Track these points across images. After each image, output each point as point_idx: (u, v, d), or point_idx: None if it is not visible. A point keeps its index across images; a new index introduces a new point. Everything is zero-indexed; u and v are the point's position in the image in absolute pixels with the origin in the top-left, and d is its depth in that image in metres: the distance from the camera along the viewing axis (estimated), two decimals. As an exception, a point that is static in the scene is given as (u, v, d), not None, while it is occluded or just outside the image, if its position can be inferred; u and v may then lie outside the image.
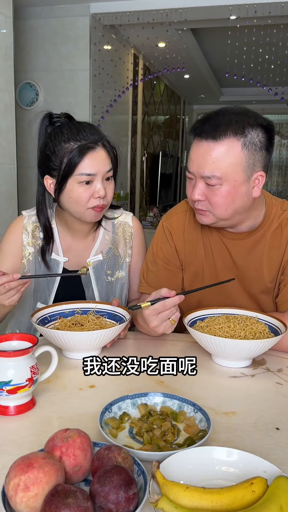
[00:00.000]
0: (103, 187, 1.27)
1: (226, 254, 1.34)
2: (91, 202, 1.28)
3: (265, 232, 1.31)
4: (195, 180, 1.20)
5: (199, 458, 0.70)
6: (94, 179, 1.26)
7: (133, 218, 1.51)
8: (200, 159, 1.16)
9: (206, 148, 1.15)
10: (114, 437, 0.79)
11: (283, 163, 9.91)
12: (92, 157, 1.25)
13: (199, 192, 1.19)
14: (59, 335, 1.08)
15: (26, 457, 0.62)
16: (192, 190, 1.21)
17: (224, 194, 1.16)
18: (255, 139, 1.15)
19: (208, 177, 1.15)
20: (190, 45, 5.15)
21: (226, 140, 1.13)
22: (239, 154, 1.14)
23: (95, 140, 1.26)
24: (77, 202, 1.28)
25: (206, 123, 1.16)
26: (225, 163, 1.14)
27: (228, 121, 1.14)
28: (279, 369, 1.12)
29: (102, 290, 1.43)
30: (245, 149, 1.14)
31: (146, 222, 5.83)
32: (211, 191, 1.18)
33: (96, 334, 1.09)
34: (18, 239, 1.41)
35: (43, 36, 4.12)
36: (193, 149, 1.19)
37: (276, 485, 0.62)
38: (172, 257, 1.39)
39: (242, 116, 1.16)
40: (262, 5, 3.71)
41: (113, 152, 1.32)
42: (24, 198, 3.35)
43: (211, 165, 1.14)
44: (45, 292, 1.40)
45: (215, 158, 1.14)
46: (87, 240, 1.45)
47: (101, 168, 1.26)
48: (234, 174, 1.15)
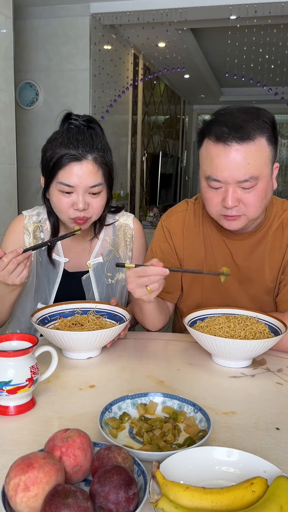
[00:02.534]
0: (83, 201, 1.23)
1: (227, 255, 1.33)
2: (71, 213, 1.25)
3: (266, 232, 1.31)
4: (226, 187, 1.14)
5: (199, 458, 0.70)
6: (74, 191, 1.23)
7: (134, 220, 1.50)
8: (232, 165, 1.10)
9: (236, 152, 1.09)
10: (114, 437, 0.79)
11: (283, 163, 9.91)
12: (73, 169, 1.21)
13: (235, 198, 1.13)
14: (59, 335, 1.08)
15: (26, 457, 0.62)
16: (225, 197, 1.14)
17: (259, 192, 1.14)
18: (271, 132, 1.14)
19: (245, 180, 1.12)
20: (190, 45, 5.15)
21: (256, 139, 1.10)
22: (266, 149, 1.13)
23: (84, 152, 1.22)
24: (58, 208, 1.28)
25: (225, 125, 1.10)
26: (259, 162, 1.11)
27: (250, 120, 1.11)
28: (279, 369, 1.12)
29: (102, 292, 1.43)
30: (269, 143, 1.13)
31: (146, 222, 5.83)
32: (246, 193, 1.14)
33: (96, 334, 1.09)
34: (20, 239, 1.41)
35: (43, 36, 4.12)
36: (220, 156, 1.11)
37: (276, 485, 0.62)
38: (171, 256, 1.38)
39: (257, 111, 1.15)
40: (262, 5, 3.71)
41: (106, 166, 1.27)
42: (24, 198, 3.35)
43: (247, 168, 1.10)
44: (45, 293, 1.40)
45: (250, 159, 1.10)
46: (87, 242, 1.45)
47: (82, 182, 1.22)
48: (266, 170, 1.14)
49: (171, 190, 7.58)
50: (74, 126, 1.31)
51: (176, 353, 1.23)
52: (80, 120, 1.32)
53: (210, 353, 1.15)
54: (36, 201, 1.51)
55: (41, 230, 1.42)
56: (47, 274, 1.40)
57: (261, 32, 4.48)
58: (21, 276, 1.17)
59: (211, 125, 1.14)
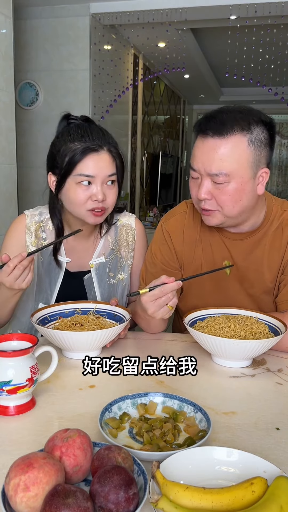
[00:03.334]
0: (101, 191, 1.25)
1: (226, 255, 1.33)
2: (89, 204, 1.26)
3: (266, 232, 1.31)
4: (201, 178, 1.18)
5: (199, 458, 0.70)
6: (93, 182, 1.25)
7: (136, 221, 1.50)
8: (206, 157, 1.14)
9: (212, 145, 1.13)
10: (114, 437, 0.79)
11: (283, 163, 9.92)
12: (93, 159, 1.24)
13: (205, 191, 1.16)
14: (59, 335, 1.08)
15: (26, 457, 0.62)
16: (199, 189, 1.18)
17: (231, 191, 1.15)
18: (260, 135, 1.14)
19: (215, 174, 1.13)
20: (190, 45, 5.15)
21: (233, 136, 1.12)
22: (245, 150, 1.13)
23: (100, 143, 1.25)
24: (75, 202, 1.27)
25: (211, 120, 1.14)
26: (232, 159, 1.12)
27: (233, 118, 1.13)
28: (279, 369, 1.12)
29: (104, 292, 1.43)
30: (251, 145, 1.13)
31: (146, 222, 5.84)
32: (218, 189, 1.16)
33: (96, 334, 1.09)
34: (21, 239, 1.40)
35: (43, 36, 4.12)
36: (198, 147, 1.16)
37: (276, 485, 0.62)
38: (170, 259, 1.38)
39: (247, 112, 1.15)
40: (262, 5, 3.71)
41: (119, 159, 1.30)
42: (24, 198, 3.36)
43: (218, 162, 1.12)
44: (47, 293, 1.40)
45: (222, 155, 1.12)
46: (89, 242, 1.45)
47: (101, 171, 1.25)
48: (241, 170, 1.14)
49: (171, 190, 7.58)
50: (75, 124, 1.32)
51: (176, 353, 1.23)
52: (79, 119, 1.34)
53: (210, 353, 1.15)
54: (36, 201, 1.50)
55: (43, 230, 1.41)
56: (48, 274, 1.40)
57: (261, 32, 4.47)
58: (27, 280, 1.17)
59: (202, 119, 1.18)
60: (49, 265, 1.40)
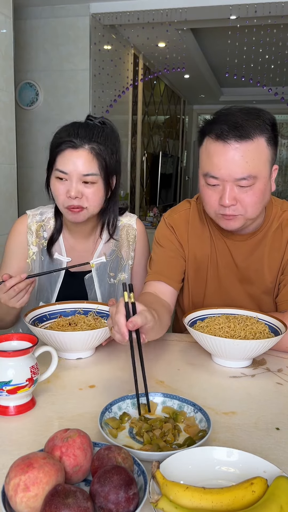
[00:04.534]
0: (75, 188, 1.24)
1: (228, 255, 1.34)
2: (65, 201, 1.27)
3: (266, 233, 1.31)
4: (223, 185, 1.14)
5: (199, 458, 0.70)
6: (68, 178, 1.25)
7: (137, 221, 1.50)
8: (230, 163, 1.11)
9: (235, 150, 1.10)
10: (114, 437, 0.79)
11: (283, 163, 9.91)
12: (69, 154, 1.24)
13: (231, 197, 1.14)
14: (50, 334, 1.08)
15: (26, 457, 0.62)
16: (222, 196, 1.15)
17: (257, 192, 1.14)
18: (272, 133, 1.15)
19: (243, 178, 1.12)
20: (190, 45, 5.15)
21: (255, 138, 1.11)
22: (265, 150, 1.13)
23: (81, 141, 1.23)
24: (55, 196, 1.30)
25: (225, 124, 1.11)
26: (257, 161, 1.11)
27: (250, 120, 1.12)
28: (279, 369, 1.12)
29: (104, 291, 1.43)
30: (269, 144, 1.14)
31: (146, 222, 5.83)
32: (243, 192, 1.14)
33: (86, 335, 1.09)
34: (23, 239, 1.41)
35: (43, 36, 4.11)
36: (219, 153, 1.12)
37: (276, 485, 0.62)
38: (175, 243, 1.37)
39: (257, 112, 1.15)
40: (262, 5, 3.71)
41: (105, 158, 1.27)
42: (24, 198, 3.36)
43: (245, 166, 1.10)
44: (47, 292, 1.40)
45: (248, 158, 1.10)
46: (90, 242, 1.45)
47: (76, 169, 1.24)
48: (264, 171, 1.14)
49: (171, 190, 7.58)
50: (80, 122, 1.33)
51: (176, 353, 1.23)
52: (96, 121, 1.33)
53: (210, 353, 1.15)
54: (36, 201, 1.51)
55: (44, 229, 1.43)
56: (49, 274, 1.40)
57: (261, 32, 4.47)
58: (21, 301, 1.17)
59: (211, 124, 1.15)
60: (50, 264, 1.41)
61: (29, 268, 1.41)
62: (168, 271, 1.35)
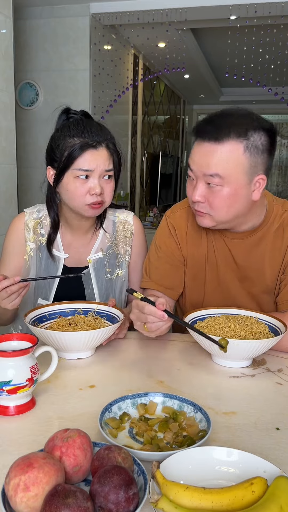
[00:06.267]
0: (99, 185, 1.27)
1: (227, 254, 1.34)
2: (87, 199, 1.28)
3: (266, 232, 1.31)
4: (196, 181, 1.19)
5: (199, 458, 0.70)
6: (91, 175, 1.27)
7: (134, 217, 1.52)
8: (203, 160, 1.15)
9: (208, 149, 1.14)
10: (114, 437, 0.79)
11: (283, 163, 9.90)
12: (91, 154, 1.26)
13: (199, 193, 1.18)
14: (50, 334, 1.09)
15: (26, 457, 0.62)
16: (193, 191, 1.20)
17: (225, 196, 1.15)
18: (258, 142, 1.14)
19: (210, 175, 1.14)
20: (190, 45, 5.15)
21: (229, 142, 1.12)
22: (241, 156, 1.13)
23: (99, 139, 1.27)
24: (73, 196, 1.29)
25: (209, 124, 1.15)
26: (228, 165, 1.13)
27: (230, 123, 1.13)
28: (279, 369, 1.12)
29: (102, 287, 1.44)
30: (248, 151, 1.13)
31: (146, 222, 5.83)
32: (212, 193, 1.16)
33: (86, 335, 1.09)
34: (21, 236, 1.43)
35: (43, 36, 4.11)
36: (195, 150, 1.18)
37: (276, 485, 0.62)
38: (175, 251, 1.39)
39: (245, 118, 1.15)
40: (262, 5, 3.71)
41: (117, 155, 1.33)
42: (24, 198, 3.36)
43: (215, 164, 1.13)
44: (45, 288, 1.42)
45: (218, 159, 1.13)
46: (87, 238, 1.46)
47: (99, 165, 1.27)
48: (236, 176, 1.14)
49: (171, 190, 7.58)
50: (75, 119, 1.35)
51: (176, 353, 1.23)
52: (79, 114, 1.37)
53: (210, 353, 1.15)
54: (36, 201, 1.52)
55: (42, 227, 1.44)
56: (47, 270, 1.42)
57: (261, 32, 4.47)
58: (13, 303, 1.17)
59: (200, 123, 1.20)
60: (48, 260, 1.42)
61: (26, 265, 1.43)
62: (168, 282, 1.36)
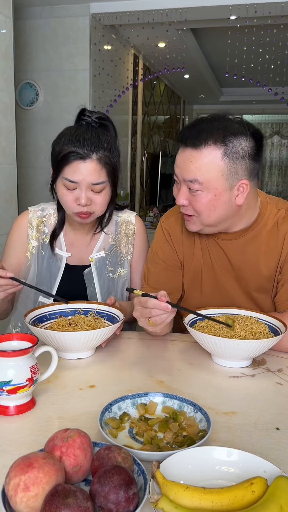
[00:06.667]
0: (85, 196, 1.26)
1: (222, 255, 1.34)
2: (74, 208, 1.29)
3: (259, 231, 1.31)
4: (180, 184, 1.22)
5: (199, 458, 0.70)
6: (77, 187, 1.27)
7: (136, 217, 1.53)
8: (183, 165, 1.17)
9: (188, 155, 1.16)
10: (114, 437, 0.79)
11: (283, 163, 9.90)
12: (78, 166, 1.25)
13: (183, 197, 1.21)
14: (50, 334, 1.08)
15: (26, 457, 0.62)
16: (178, 194, 1.22)
17: (205, 201, 1.18)
18: (237, 148, 1.14)
19: (190, 181, 1.17)
20: (190, 45, 5.15)
21: (206, 148, 1.14)
22: (219, 162, 1.14)
23: (90, 151, 1.25)
24: (62, 202, 1.31)
25: (190, 129, 1.17)
26: (206, 171, 1.14)
27: (209, 129, 1.14)
28: (279, 369, 1.12)
29: (103, 286, 1.44)
30: (226, 157, 1.14)
31: (146, 222, 5.82)
32: (193, 197, 1.19)
33: (86, 335, 1.09)
34: (24, 233, 1.44)
35: (43, 36, 4.11)
36: (178, 154, 1.20)
37: (276, 485, 0.62)
38: (171, 256, 1.40)
39: (226, 124, 1.16)
40: (262, 5, 3.71)
41: (111, 166, 1.29)
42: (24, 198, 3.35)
43: (193, 170, 1.15)
44: (47, 286, 1.42)
45: (196, 165, 1.15)
46: (90, 237, 1.47)
47: (84, 178, 1.25)
48: (215, 182, 1.15)
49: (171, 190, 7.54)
50: (85, 123, 1.33)
51: (176, 353, 1.23)
52: (93, 117, 1.34)
53: (210, 353, 1.15)
54: (35, 201, 1.52)
55: (45, 225, 1.45)
56: (49, 268, 1.43)
57: (261, 32, 4.47)
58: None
59: (183, 128, 1.23)
60: (50, 259, 1.43)
61: (27, 262, 1.44)
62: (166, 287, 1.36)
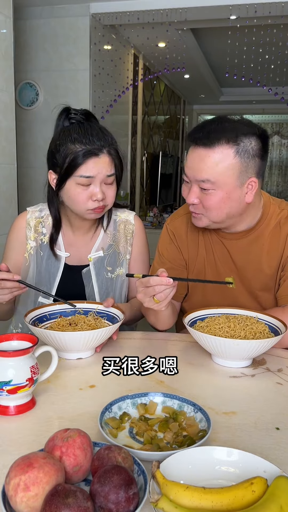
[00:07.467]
0: (101, 191, 1.28)
1: (225, 254, 1.36)
2: (89, 204, 1.29)
3: (263, 231, 1.33)
4: (191, 184, 1.23)
5: (199, 458, 0.70)
6: (93, 182, 1.27)
7: (135, 217, 1.53)
8: (195, 165, 1.20)
9: (200, 155, 1.18)
10: (114, 437, 0.79)
11: (283, 163, 9.90)
12: (93, 162, 1.26)
13: (193, 196, 1.23)
14: (50, 334, 1.09)
15: (26, 457, 0.62)
16: (188, 193, 1.25)
17: (217, 199, 1.20)
18: (248, 147, 1.18)
19: (202, 180, 1.19)
20: (190, 45, 5.15)
21: (219, 147, 1.16)
22: (231, 161, 1.17)
23: (101, 146, 1.27)
24: (75, 201, 1.30)
25: (201, 130, 1.19)
26: (218, 169, 1.17)
27: (221, 129, 1.18)
28: (279, 369, 1.12)
29: (102, 286, 1.45)
30: (238, 156, 1.17)
31: (146, 222, 5.83)
32: (205, 195, 1.21)
33: (86, 335, 1.09)
34: (22, 234, 1.44)
35: (43, 36, 4.11)
36: (189, 155, 1.23)
37: (276, 485, 0.62)
38: (177, 256, 1.42)
39: (236, 124, 1.20)
40: (262, 5, 3.70)
41: (118, 158, 1.33)
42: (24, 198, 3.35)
43: (205, 170, 1.18)
44: (46, 287, 1.42)
45: (209, 164, 1.17)
46: (88, 236, 1.47)
47: (100, 172, 1.27)
48: (227, 180, 1.18)
49: (171, 190, 7.58)
50: (77, 122, 1.33)
51: (176, 353, 1.23)
52: (79, 114, 1.35)
53: (210, 353, 1.15)
54: (35, 201, 1.52)
55: (43, 225, 1.45)
56: (48, 268, 1.43)
57: (261, 32, 4.47)
58: (1, 298, 1.17)
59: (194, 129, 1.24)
60: (49, 259, 1.43)
61: (26, 262, 1.44)
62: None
